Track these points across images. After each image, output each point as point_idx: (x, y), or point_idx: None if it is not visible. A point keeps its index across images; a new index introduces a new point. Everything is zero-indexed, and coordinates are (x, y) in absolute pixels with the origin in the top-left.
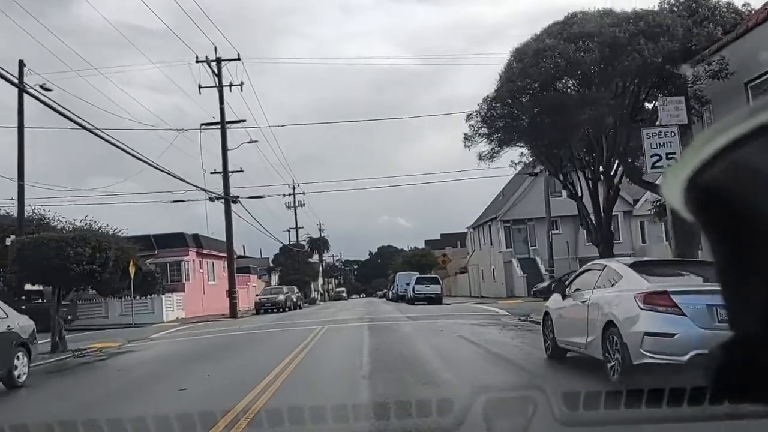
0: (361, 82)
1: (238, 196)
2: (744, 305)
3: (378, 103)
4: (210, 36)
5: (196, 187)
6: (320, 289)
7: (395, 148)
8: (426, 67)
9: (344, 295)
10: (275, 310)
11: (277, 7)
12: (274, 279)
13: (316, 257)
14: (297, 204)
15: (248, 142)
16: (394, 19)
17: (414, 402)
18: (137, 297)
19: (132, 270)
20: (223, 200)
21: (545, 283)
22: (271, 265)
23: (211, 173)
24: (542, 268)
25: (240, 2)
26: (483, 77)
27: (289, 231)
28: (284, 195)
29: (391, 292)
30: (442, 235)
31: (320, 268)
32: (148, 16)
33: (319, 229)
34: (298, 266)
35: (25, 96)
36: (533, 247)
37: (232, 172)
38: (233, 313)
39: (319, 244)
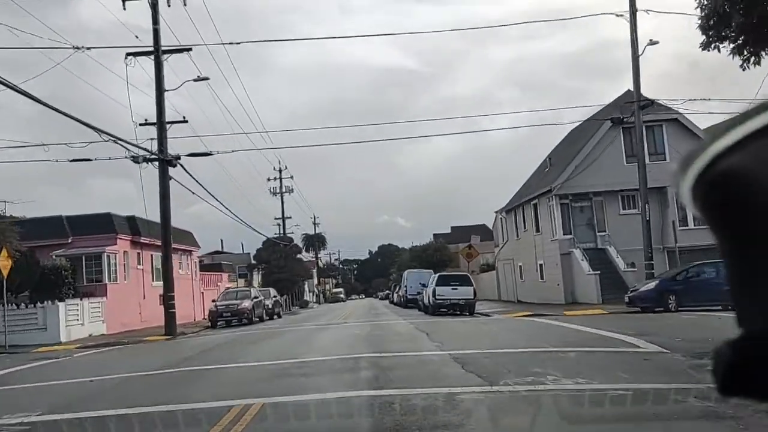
0: (360, 82)
1: (177, 156)
2: (752, 302)
3: (377, 102)
4: None
5: (101, 133)
6: (315, 289)
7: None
8: (425, 67)
9: (342, 296)
10: (241, 320)
11: (275, 6)
12: (257, 279)
13: (311, 255)
14: (284, 190)
15: (196, 80)
16: (393, 19)
17: None
18: (23, 305)
19: (5, 263)
20: (153, 161)
21: (650, 284)
22: (253, 261)
23: (141, 125)
24: (619, 263)
25: (239, 1)
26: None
27: (279, 225)
28: (269, 179)
29: (396, 295)
30: (453, 227)
31: (315, 267)
32: None
33: (314, 223)
34: (285, 263)
35: None
36: (601, 233)
37: (172, 122)
38: (170, 328)
39: (315, 241)
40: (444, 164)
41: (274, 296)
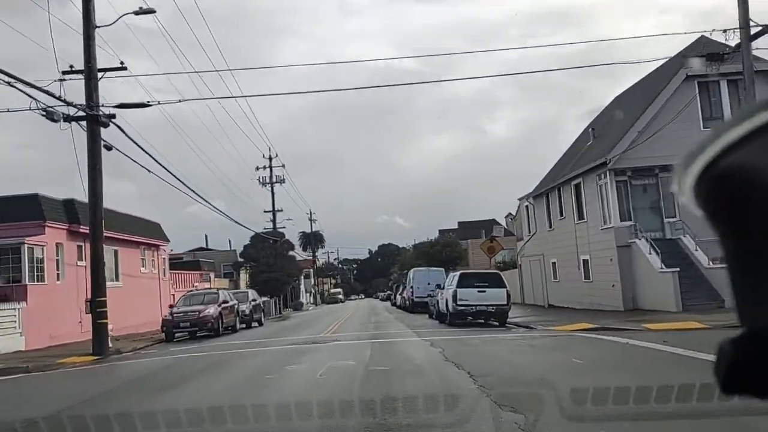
0: (360, 82)
1: (111, 115)
2: (753, 300)
3: (377, 102)
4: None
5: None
6: (312, 289)
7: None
8: (424, 67)
9: (340, 297)
10: (208, 333)
11: (276, 7)
12: (244, 279)
13: (309, 254)
14: (275, 180)
15: (137, 13)
16: (392, 20)
17: None
18: None
19: None
20: (79, 120)
21: None
22: (240, 259)
23: (66, 72)
24: (700, 258)
25: (239, 1)
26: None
27: (271, 220)
28: (257, 168)
29: (400, 296)
30: (460, 223)
31: (313, 266)
32: None
33: (310, 219)
34: (275, 261)
35: None
36: (670, 219)
37: (105, 69)
38: (99, 346)
39: (312, 239)
40: (444, 163)
41: (253, 299)
